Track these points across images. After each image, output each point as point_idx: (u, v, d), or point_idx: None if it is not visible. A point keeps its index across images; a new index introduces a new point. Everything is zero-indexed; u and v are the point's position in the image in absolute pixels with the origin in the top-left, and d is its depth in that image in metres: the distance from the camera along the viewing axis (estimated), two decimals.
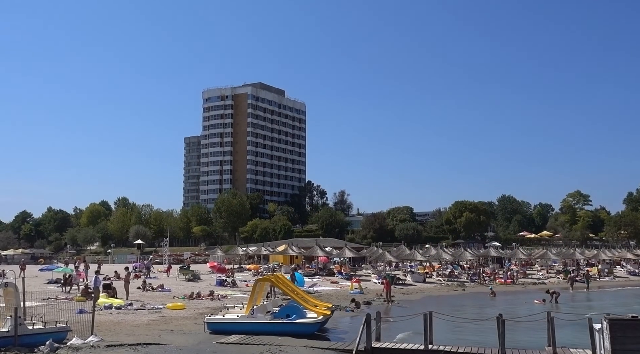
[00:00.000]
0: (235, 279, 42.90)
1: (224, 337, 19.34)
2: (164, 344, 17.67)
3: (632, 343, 13.00)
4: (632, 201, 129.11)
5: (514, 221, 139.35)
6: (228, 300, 29.69)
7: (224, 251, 74.44)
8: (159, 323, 22.38)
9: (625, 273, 58.84)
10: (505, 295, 40.44)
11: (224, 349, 17.53)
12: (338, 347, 18.35)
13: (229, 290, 36.90)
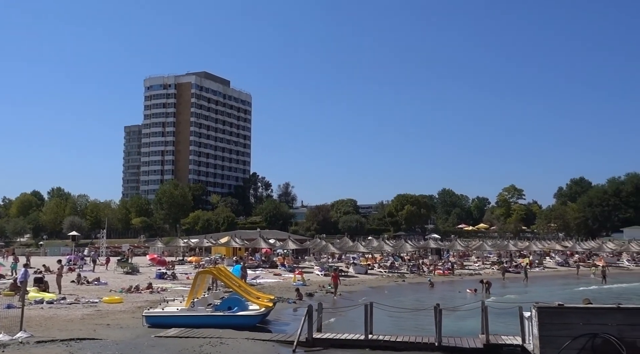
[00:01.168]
0: (176, 271, 42.09)
1: (163, 330, 18.96)
2: (99, 339, 17.11)
3: (558, 329, 13.72)
4: (562, 196, 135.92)
5: (453, 214, 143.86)
6: (168, 293, 29.11)
7: (164, 243, 72.90)
8: (94, 317, 21.65)
9: (554, 264, 61.93)
10: (443, 285, 41.69)
11: (163, 343, 17.17)
12: (280, 338, 18.39)
13: (169, 282, 36.18)
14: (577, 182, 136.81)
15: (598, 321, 13.66)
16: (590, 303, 19.04)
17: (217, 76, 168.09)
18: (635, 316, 13.61)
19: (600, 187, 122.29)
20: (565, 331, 13.65)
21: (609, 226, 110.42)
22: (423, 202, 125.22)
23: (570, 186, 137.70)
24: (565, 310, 14.28)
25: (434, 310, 17.45)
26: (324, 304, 21.10)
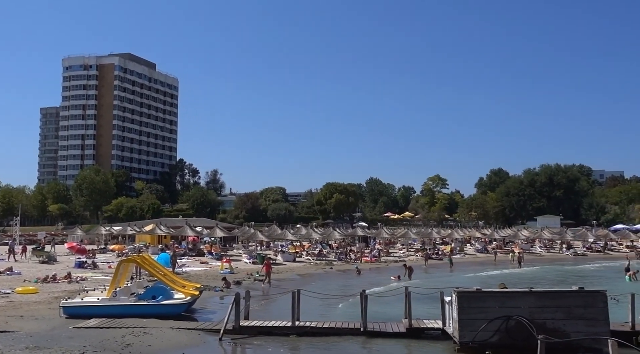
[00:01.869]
0: (97, 260, 40.43)
1: (83, 321, 18.20)
2: (11, 332, 16.17)
3: (476, 312, 14.42)
4: (482, 186, 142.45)
5: (380, 203, 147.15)
6: (88, 283, 27.93)
7: (84, 231, 69.79)
8: (6, 309, 20.43)
9: (474, 251, 64.92)
10: (370, 272, 42.64)
11: (83, 334, 16.48)
12: (206, 327, 18.16)
13: (90, 271, 34.72)
14: (496, 173, 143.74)
15: (512, 304, 14.47)
16: (505, 287, 20.12)
17: (142, 58, 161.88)
18: (544, 299, 14.53)
19: (517, 178, 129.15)
20: (482, 314, 14.36)
21: (524, 214, 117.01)
22: (351, 191, 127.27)
23: (490, 176, 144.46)
24: (482, 294, 15.02)
25: (360, 296, 17.83)
26: (252, 292, 21.02)
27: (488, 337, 14.23)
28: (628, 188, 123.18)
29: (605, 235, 73.75)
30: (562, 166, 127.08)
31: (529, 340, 13.37)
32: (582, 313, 14.09)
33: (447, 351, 15.42)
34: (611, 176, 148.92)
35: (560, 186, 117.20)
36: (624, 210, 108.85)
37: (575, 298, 14.46)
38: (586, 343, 13.80)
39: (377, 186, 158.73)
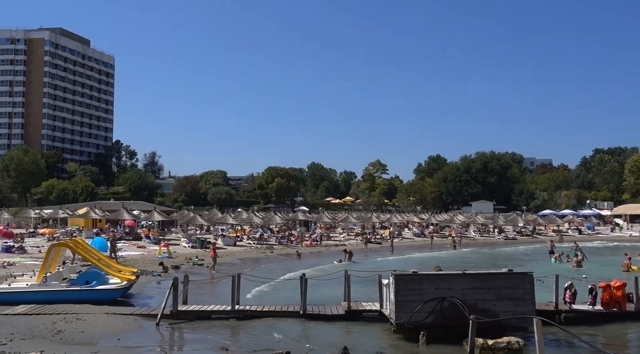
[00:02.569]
0: (26, 244, 38.63)
1: (10, 308, 17.41)
2: None
3: (412, 294, 14.86)
4: (421, 172, 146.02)
5: (321, 187, 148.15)
6: (16, 268, 26.65)
7: (12, 214, 66.35)
8: None
9: (412, 235, 66.69)
10: (310, 256, 42.99)
11: (10, 321, 15.76)
12: (142, 312, 17.80)
13: (18, 256, 33.14)
14: (435, 159, 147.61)
15: (446, 286, 15.01)
16: (440, 270, 20.83)
17: (76, 34, 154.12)
18: (476, 281, 15.15)
19: (454, 164, 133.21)
20: (418, 296, 14.81)
21: (460, 200, 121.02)
22: (293, 175, 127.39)
23: (429, 162, 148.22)
24: (418, 277, 15.48)
25: (300, 280, 17.97)
26: (191, 276, 20.76)
27: (423, 318, 14.71)
28: (555, 176, 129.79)
29: (534, 220, 77.56)
30: (496, 153, 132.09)
31: (462, 320, 13.92)
32: (510, 293, 14.80)
33: (384, 332, 15.83)
34: (541, 164, 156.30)
35: (494, 173, 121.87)
36: (552, 196, 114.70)
37: (504, 279, 15.15)
38: (514, 322, 14.53)
39: (318, 171, 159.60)
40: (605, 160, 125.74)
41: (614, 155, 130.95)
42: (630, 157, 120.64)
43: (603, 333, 16.05)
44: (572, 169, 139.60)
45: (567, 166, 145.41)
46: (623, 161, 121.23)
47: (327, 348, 13.67)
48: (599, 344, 14.30)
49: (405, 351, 13.93)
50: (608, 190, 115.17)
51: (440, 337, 14.35)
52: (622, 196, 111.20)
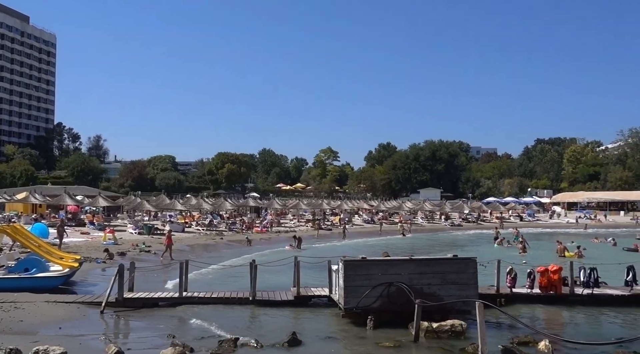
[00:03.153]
0: None
1: None
2: None
3: (361, 280, 15.08)
4: (371, 159, 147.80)
5: (272, 174, 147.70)
6: None
7: None
8: None
9: (362, 221, 67.52)
10: (261, 243, 42.88)
11: None
12: (86, 300, 17.31)
13: None
14: (385, 147, 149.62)
15: (394, 271, 15.30)
16: (388, 255, 21.23)
17: (14, 10, 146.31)
18: (422, 266, 15.52)
19: (404, 152, 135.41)
20: (366, 281, 15.05)
21: (408, 187, 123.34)
22: (244, 161, 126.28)
23: (379, 150, 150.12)
24: (367, 263, 15.71)
25: (250, 266, 17.91)
26: (138, 263, 20.32)
27: (371, 303, 14.97)
28: (499, 164, 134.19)
29: (479, 207, 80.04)
30: (444, 142, 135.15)
31: (408, 304, 14.26)
32: (455, 278, 15.25)
33: (333, 317, 16.02)
34: (486, 153, 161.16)
35: (441, 161, 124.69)
36: (496, 184, 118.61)
37: (449, 264, 15.59)
38: (457, 306, 15.00)
39: (270, 157, 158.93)
40: (545, 150, 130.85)
41: (554, 145, 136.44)
42: (569, 147, 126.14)
43: (540, 314, 16.81)
44: (515, 158, 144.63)
45: (511, 155, 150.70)
46: (562, 151, 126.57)
47: (276, 334, 13.72)
48: (537, 325, 14.96)
49: (353, 335, 14.15)
50: (548, 178, 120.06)
51: (387, 321, 14.65)
52: (560, 184, 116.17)
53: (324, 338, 13.75)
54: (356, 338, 13.93)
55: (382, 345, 12.94)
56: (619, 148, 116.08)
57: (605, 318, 16.52)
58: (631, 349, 12.16)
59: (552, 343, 11.95)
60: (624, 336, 13.12)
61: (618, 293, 18.40)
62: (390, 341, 13.21)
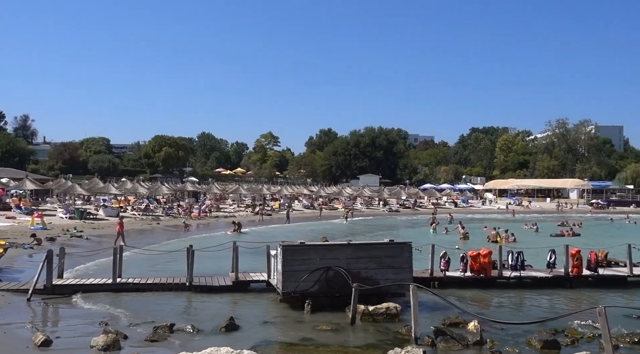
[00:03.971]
0: None
1: None
2: None
3: (299, 264, 15.17)
4: (312, 145, 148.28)
5: (212, 158, 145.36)
6: None
7: None
8: None
9: (301, 207, 67.83)
10: (199, 228, 42.31)
11: None
12: (11, 287, 16.52)
13: None
14: (326, 133, 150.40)
15: (332, 255, 15.48)
16: (326, 240, 21.46)
17: None
18: (360, 250, 15.79)
19: (344, 138, 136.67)
20: (305, 265, 15.15)
21: (348, 173, 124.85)
22: (182, 144, 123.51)
23: (320, 136, 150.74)
24: (305, 247, 15.82)
25: (187, 251, 17.60)
26: (69, 249, 19.56)
27: (309, 287, 15.10)
28: (436, 152, 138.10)
29: (416, 193, 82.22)
30: (384, 129, 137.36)
31: (345, 288, 14.49)
32: (390, 262, 15.61)
33: (271, 302, 16.05)
34: (424, 140, 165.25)
35: (381, 148, 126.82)
36: (432, 170, 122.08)
37: (385, 249, 15.94)
38: (393, 289, 15.38)
39: (209, 141, 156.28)
40: (480, 139, 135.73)
41: (488, 134, 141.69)
42: (501, 136, 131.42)
43: (471, 296, 17.52)
44: (451, 146, 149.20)
45: (447, 143, 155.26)
46: (495, 140, 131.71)
47: (213, 319, 13.60)
48: (467, 306, 15.59)
49: (291, 320, 14.24)
50: (481, 166, 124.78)
51: (324, 305, 14.84)
52: (492, 172, 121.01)
53: (262, 323, 13.78)
54: (294, 322, 14.03)
55: (319, 329, 13.10)
56: (546, 138, 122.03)
57: (529, 299, 17.44)
58: (552, 327, 12.91)
59: (481, 323, 12.49)
60: (546, 316, 13.90)
61: (541, 275, 19.46)
62: (327, 324, 13.40)
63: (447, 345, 11.68)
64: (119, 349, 11.10)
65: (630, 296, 17.89)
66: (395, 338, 12.47)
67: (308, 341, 12.12)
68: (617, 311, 13.75)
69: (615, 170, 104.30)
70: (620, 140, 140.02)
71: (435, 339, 11.93)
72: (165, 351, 11.28)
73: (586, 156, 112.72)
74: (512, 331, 12.88)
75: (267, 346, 11.58)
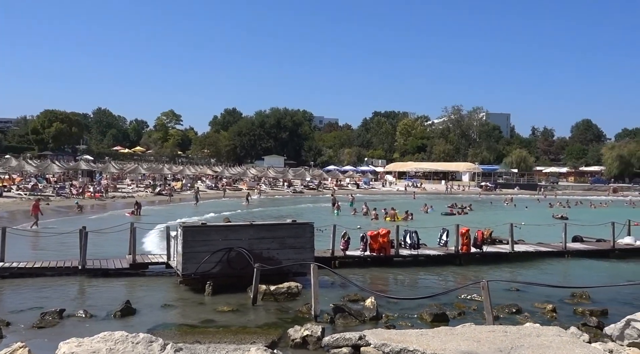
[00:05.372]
0: None
1: None
2: None
3: (199, 245, 14.91)
4: (216, 124, 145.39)
5: (109, 136, 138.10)
6: None
7: None
8: None
9: (205, 187, 66.51)
10: (94, 209, 40.24)
11: None
12: None
13: None
14: (230, 112, 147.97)
15: (234, 236, 15.37)
16: (229, 221, 21.28)
17: None
18: (262, 231, 15.81)
19: (249, 119, 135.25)
20: (206, 247, 14.93)
21: (253, 154, 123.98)
22: (75, 120, 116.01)
23: (224, 115, 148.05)
24: (207, 228, 15.58)
25: (79, 233, 16.70)
26: None
27: (210, 268, 14.91)
28: (340, 134, 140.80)
29: (320, 175, 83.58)
30: (289, 110, 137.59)
31: (247, 269, 14.48)
32: (293, 242, 15.79)
33: (171, 284, 15.67)
34: (328, 122, 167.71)
35: (286, 129, 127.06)
36: (336, 152, 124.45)
37: (288, 229, 16.09)
38: (294, 269, 15.60)
39: (106, 118, 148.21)
40: (381, 122, 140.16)
41: (389, 118, 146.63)
42: (402, 120, 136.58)
43: (370, 274, 18.21)
44: (354, 129, 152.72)
45: (351, 126, 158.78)
46: (396, 124, 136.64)
47: (108, 304, 13.05)
48: (366, 284, 16.21)
49: (192, 302, 14.01)
50: (382, 149, 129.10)
51: (226, 286, 14.73)
52: (393, 155, 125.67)
53: (161, 306, 13.42)
54: (194, 304, 13.81)
55: (220, 310, 13.01)
56: (443, 123, 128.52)
57: (423, 275, 18.45)
58: (442, 301, 13.77)
59: (377, 299, 13.04)
60: (437, 291, 14.79)
61: (434, 253, 20.64)
62: (228, 305, 13.32)
63: (345, 321, 12.07)
64: (0, 338, 10.33)
65: (512, 270, 19.48)
66: (296, 316, 12.69)
67: (209, 323, 12.00)
68: (499, 284, 14.92)
69: (502, 155, 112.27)
70: (507, 127, 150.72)
71: (334, 316, 12.29)
72: (54, 337, 10.67)
73: (477, 141, 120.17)
74: (407, 306, 13.56)
75: (165, 330, 11.30)
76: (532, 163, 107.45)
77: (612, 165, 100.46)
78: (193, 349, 6.57)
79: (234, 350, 6.71)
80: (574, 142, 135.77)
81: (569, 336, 7.55)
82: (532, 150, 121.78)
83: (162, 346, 6.39)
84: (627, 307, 13.17)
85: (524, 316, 12.57)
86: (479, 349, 6.33)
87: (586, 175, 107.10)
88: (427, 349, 6.34)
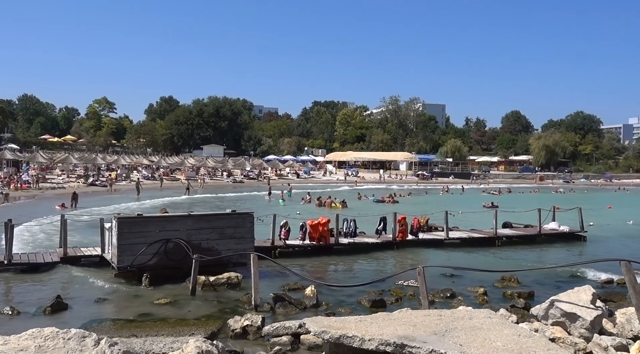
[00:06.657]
0: None
1: None
2: None
3: (136, 237, 14.53)
4: (152, 113, 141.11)
5: (36, 124, 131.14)
6: None
7: None
8: None
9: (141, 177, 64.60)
10: (22, 201, 38.33)
11: None
12: None
13: None
14: (167, 100, 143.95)
15: (172, 227, 15.07)
16: (166, 212, 20.83)
17: None
18: (201, 221, 15.59)
19: (187, 107, 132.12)
20: (142, 238, 14.56)
21: (191, 143, 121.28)
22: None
23: (161, 103, 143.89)
24: (143, 219, 15.18)
25: (4, 226, 15.85)
26: None
27: (147, 260, 14.57)
28: (280, 124, 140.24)
29: (260, 164, 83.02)
30: (228, 99, 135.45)
31: (186, 260, 14.25)
32: (232, 232, 15.66)
33: (105, 277, 15.17)
34: (268, 112, 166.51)
35: (225, 118, 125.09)
36: (276, 142, 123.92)
37: (227, 219, 15.93)
38: (234, 259, 15.49)
39: (32, 105, 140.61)
40: (321, 112, 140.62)
41: (329, 108, 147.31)
42: (341, 110, 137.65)
43: (310, 263, 18.34)
44: (294, 118, 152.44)
45: (291, 115, 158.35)
46: (335, 114, 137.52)
47: (37, 300, 12.50)
48: (306, 273, 16.33)
49: (127, 295, 13.64)
50: (323, 138, 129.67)
51: (164, 278, 14.45)
52: (333, 144, 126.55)
53: (95, 300, 12.98)
54: (130, 297, 13.46)
55: (158, 302, 12.74)
56: (381, 113, 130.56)
57: (362, 263, 18.79)
58: (380, 288, 14.09)
59: (317, 287, 13.18)
60: (375, 278, 15.13)
61: (372, 240, 21.05)
62: (166, 297, 13.07)
63: (285, 310, 12.13)
64: None
65: (447, 256, 20.17)
66: (236, 306, 12.63)
67: (146, 316, 11.73)
68: (434, 270, 15.43)
69: (438, 144, 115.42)
70: (443, 117, 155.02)
71: (274, 305, 12.32)
72: None
73: (414, 131, 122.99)
74: (346, 293, 13.80)
75: (99, 324, 10.96)
76: (466, 153, 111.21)
77: (539, 154, 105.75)
78: (129, 344, 6.42)
79: (172, 342, 6.60)
80: (504, 132, 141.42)
81: (499, 317, 7.92)
82: (466, 140, 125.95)
83: (96, 341, 6.18)
84: (552, 289, 13.96)
85: (457, 300, 13.06)
86: (415, 333, 6.53)
87: (515, 164, 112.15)
88: (366, 335, 6.47)
